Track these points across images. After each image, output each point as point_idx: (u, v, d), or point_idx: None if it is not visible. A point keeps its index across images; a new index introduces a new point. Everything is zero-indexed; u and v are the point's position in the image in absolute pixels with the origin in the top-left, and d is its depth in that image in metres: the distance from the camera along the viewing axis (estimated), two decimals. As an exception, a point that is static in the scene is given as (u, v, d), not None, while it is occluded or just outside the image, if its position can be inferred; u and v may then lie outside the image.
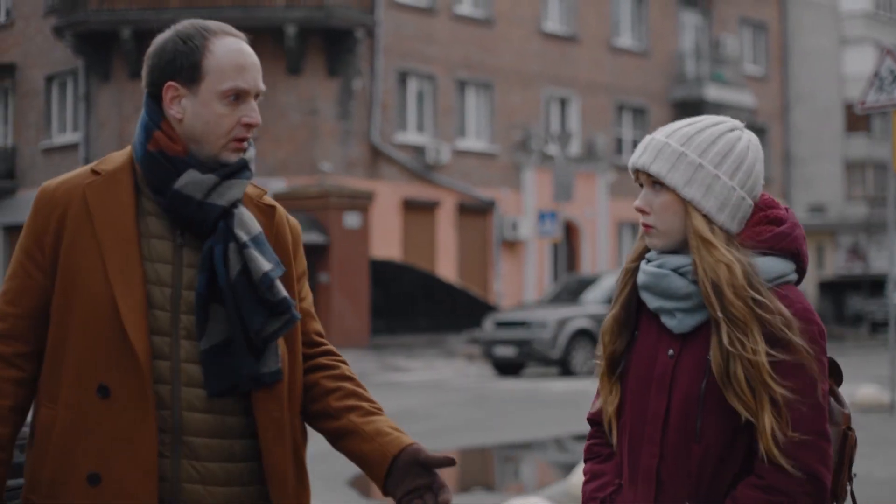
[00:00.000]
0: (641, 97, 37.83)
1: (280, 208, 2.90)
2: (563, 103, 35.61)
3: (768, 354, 2.52)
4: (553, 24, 35.45)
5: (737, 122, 2.73)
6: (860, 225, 48.15)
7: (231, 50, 2.73)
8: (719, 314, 2.55)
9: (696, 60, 39.25)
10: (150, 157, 2.73)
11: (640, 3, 38.15)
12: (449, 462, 2.77)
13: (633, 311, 2.75)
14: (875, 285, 42.47)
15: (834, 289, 47.03)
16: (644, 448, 2.67)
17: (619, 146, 37.32)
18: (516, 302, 31.82)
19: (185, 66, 2.71)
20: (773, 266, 2.63)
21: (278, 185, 27.83)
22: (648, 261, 2.72)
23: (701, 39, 40.23)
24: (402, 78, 31.63)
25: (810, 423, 2.54)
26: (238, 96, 2.72)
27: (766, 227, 2.66)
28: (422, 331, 30.27)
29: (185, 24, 2.77)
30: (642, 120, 37.94)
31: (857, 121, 47.70)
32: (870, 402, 15.80)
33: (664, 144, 2.66)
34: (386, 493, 2.79)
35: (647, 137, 2.72)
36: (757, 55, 43.32)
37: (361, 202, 29.06)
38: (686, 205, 2.64)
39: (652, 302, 2.69)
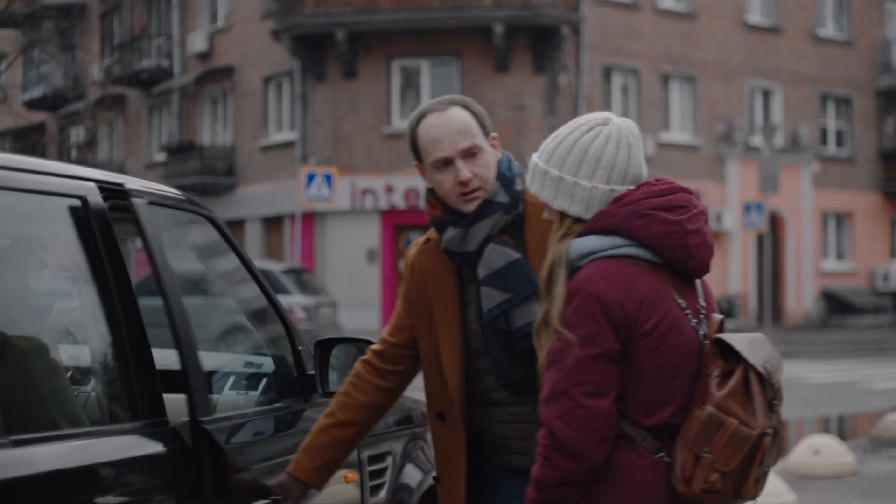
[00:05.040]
0: (846, 87, 37.20)
1: None
2: (766, 95, 35.34)
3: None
4: (755, 15, 35.19)
5: (597, 118, 2.95)
6: None
7: (426, 129, 3.31)
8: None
9: (901, 49, 38.38)
10: (432, 224, 3.42)
11: (843, -8, 37.65)
12: None
13: None
14: None
15: None
16: None
17: (823, 137, 36.90)
18: (721, 293, 31.91)
19: (412, 149, 3.38)
20: (582, 244, 2.87)
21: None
22: None
23: (906, 27, 39.43)
24: (607, 73, 31.93)
25: (551, 384, 2.81)
26: (444, 163, 3.29)
27: (603, 209, 2.91)
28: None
29: (413, 114, 3.42)
30: (847, 110, 37.41)
31: None
32: None
33: (535, 166, 2.97)
34: None
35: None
36: (964, 42, 42.17)
37: (569, 195, 29.45)
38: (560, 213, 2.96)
39: None
